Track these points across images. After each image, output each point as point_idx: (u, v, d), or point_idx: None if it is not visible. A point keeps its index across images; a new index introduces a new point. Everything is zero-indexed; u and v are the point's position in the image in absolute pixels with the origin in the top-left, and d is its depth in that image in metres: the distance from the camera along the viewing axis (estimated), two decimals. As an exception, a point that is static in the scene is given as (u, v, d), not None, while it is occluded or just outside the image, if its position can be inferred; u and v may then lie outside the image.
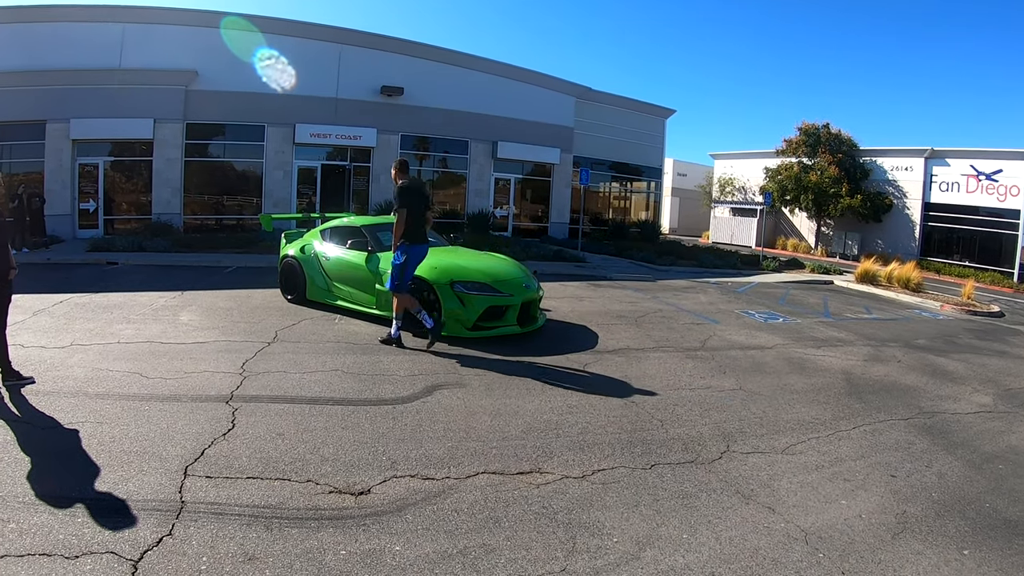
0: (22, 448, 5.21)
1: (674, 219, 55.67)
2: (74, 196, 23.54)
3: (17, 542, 3.85)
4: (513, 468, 5.27)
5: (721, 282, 19.54)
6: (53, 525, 4.06)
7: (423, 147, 28.97)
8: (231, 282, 14.46)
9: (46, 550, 3.78)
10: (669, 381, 8.15)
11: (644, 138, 36.06)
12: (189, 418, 5.96)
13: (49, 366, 7.38)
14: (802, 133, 41.88)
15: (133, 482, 4.66)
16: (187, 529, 4.08)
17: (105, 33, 23.30)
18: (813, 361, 9.82)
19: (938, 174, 37.17)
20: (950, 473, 5.82)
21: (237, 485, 4.69)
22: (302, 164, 26.29)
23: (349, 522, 4.28)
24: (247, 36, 24.58)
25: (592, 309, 12.91)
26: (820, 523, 4.66)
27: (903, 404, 7.90)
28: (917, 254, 35.84)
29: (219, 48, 24.17)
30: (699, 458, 5.72)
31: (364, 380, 7.42)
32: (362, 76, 26.58)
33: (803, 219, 43.95)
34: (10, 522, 4.06)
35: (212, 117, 24.89)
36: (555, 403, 6.98)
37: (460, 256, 10.68)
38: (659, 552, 4.16)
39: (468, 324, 9.48)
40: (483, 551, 4.04)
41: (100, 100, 22.94)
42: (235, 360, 7.93)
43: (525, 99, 30.36)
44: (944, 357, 10.94)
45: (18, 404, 6.22)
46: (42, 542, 3.87)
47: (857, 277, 22.51)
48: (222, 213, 26.15)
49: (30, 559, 3.70)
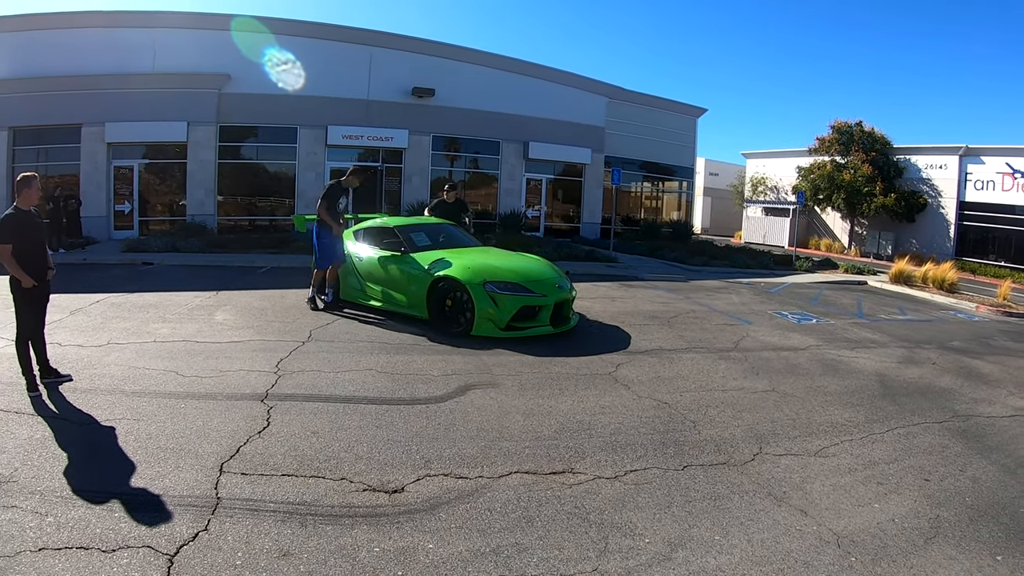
0: (59, 444, 5.31)
1: (706, 219, 55.26)
2: (109, 198, 23.91)
3: (55, 535, 3.93)
4: (546, 468, 5.27)
5: (754, 282, 19.39)
6: (90, 519, 4.13)
7: (454, 148, 28.95)
8: (265, 282, 14.59)
9: (83, 543, 3.86)
10: (702, 382, 8.10)
11: (676, 137, 35.80)
12: (224, 416, 6.03)
13: (86, 364, 7.51)
14: (835, 131, 41.39)
15: (169, 478, 4.73)
16: (222, 524, 4.13)
17: (139, 38, 23.65)
18: (847, 363, 9.72)
19: (973, 172, 36.49)
20: (984, 478, 5.72)
21: (272, 482, 4.73)
22: (334, 165, 26.37)
23: (383, 520, 4.31)
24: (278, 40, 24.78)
25: (624, 309, 12.87)
26: (852, 526, 4.61)
27: (937, 407, 7.78)
28: (952, 254, 35.20)
29: (250, 51, 24.39)
30: (731, 460, 5.69)
31: (398, 379, 7.45)
32: (393, 78, 26.65)
33: (836, 219, 43.47)
34: (48, 516, 4.14)
35: (245, 119, 25.12)
36: (588, 404, 6.97)
37: (493, 256, 10.70)
38: (691, 553, 4.14)
39: (501, 324, 9.49)
40: (516, 550, 4.05)
41: (135, 104, 23.25)
42: (270, 359, 8.01)
43: (556, 99, 30.26)
44: (979, 359, 10.76)
45: (56, 401, 6.34)
46: (79, 535, 3.94)
47: (891, 277, 22.22)
48: (255, 214, 26.37)
49: (67, 552, 3.77)
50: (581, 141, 30.93)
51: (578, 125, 30.81)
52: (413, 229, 11.39)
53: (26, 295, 6.57)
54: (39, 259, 6.74)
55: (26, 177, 6.68)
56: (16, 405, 6.17)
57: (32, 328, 6.71)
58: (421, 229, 11.60)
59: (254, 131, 25.76)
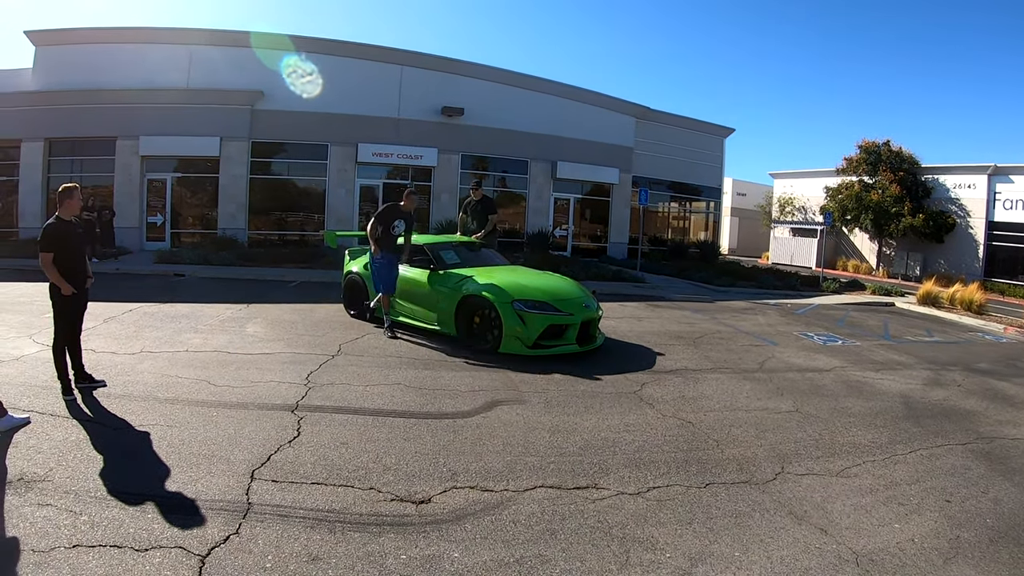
0: (94, 446, 5.48)
1: (733, 239, 55.02)
2: (142, 209, 24.40)
3: (89, 533, 4.06)
4: (570, 483, 5.33)
5: (780, 303, 19.31)
6: (124, 519, 4.27)
7: (482, 166, 29.18)
8: (295, 296, 14.79)
9: (117, 542, 3.99)
10: (726, 402, 8.12)
11: (703, 157, 35.83)
12: (256, 425, 6.16)
13: (120, 371, 7.69)
14: (862, 151, 41.14)
15: (201, 483, 4.85)
16: (253, 529, 4.24)
17: (174, 54, 24.20)
18: (871, 384, 9.69)
19: (1002, 191, 36.04)
20: (1006, 499, 5.70)
21: (302, 490, 4.84)
22: (364, 182, 26.73)
23: (410, 528, 4.40)
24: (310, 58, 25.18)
25: (650, 329, 12.90)
26: (872, 546, 4.62)
27: (961, 429, 7.73)
28: (980, 274, 34.74)
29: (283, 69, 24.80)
30: (753, 478, 5.71)
31: (426, 394, 7.55)
32: (423, 96, 26.96)
33: (864, 239, 43.13)
34: (82, 515, 4.28)
35: (277, 136, 25.53)
36: (612, 421, 7.02)
37: (521, 275, 10.78)
38: (711, 568, 4.18)
39: (528, 342, 9.55)
40: (539, 561, 4.11)
41: (169, 118, 23.76)
42: (300, 371, 8.15)
43: (584, 119, 30.40)
44: (1006, 381, 10.67)
45: (90, 405, 6.52)
46: (113, 535, 4.08)
47: (919, 299, 22.01)
48: (285, 229, 26.69)
49: (101, 550, 3.90)
50: (609, 161, 31.05)
51: (606, 145, 30.95)
52: (443, 247, 11.52)
53: (65, 302, 6.75)
54: (79, 268, 6.94)
55: (67, 188, 6.87)
56: (52, 408, 6.35)
57: (69, 334, 6.89)
58: (451, 247, 11.72)
59: (285, 147, 26.14)
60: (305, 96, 25.15)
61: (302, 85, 25.05)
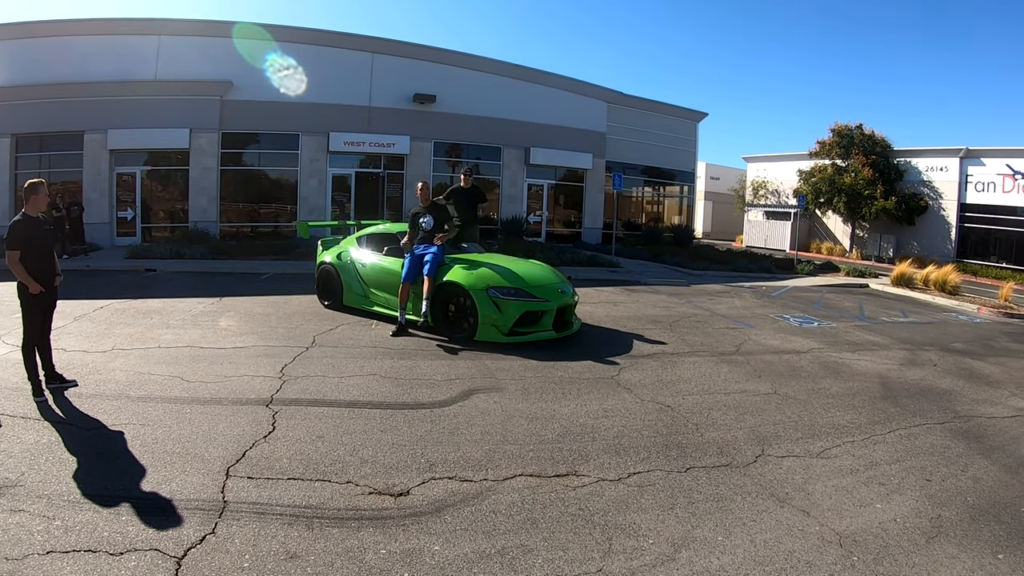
0: (67, 448, 5.35)
1: (707, 223, 55.27)
2: (112, 204, 24.04)
3: (63, 539, 3.96)
4: (550, 471, 5.30)
5: (755, 286, 19.41)
6: (98, 523, 4.16)
7: (456, 154, 29.05)
8: (268, 288, 14.65)
9: (91, 547, 3.89)
10: (704, 385, 8.13)
11: (676, 142, 35.89)
12: (230, 421, 6.07)
13: (91, 370, 7.55)
14: (835, 134, 41.54)
15: (176, 482, 4.76)
16: (230, 528, 4.16)
17: (141, 45, 23.82)
18: (848, 365, 9.74)
19: (973, 174, 36.58)
20: (985, 477, 5.74)
21: (278, 486, 4.77)
22: (336, 172, 26.52)
23: (389, 522, 4.34)
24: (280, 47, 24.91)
25: (627, 314, 12.90)
26: (854, 526, 4.64)
27: (939, 408, 7.79)
28: (953, 256, 35.26)
29: (253, 58, 24.50)
30: (734, 462, 5.71)
31: (402, 384, 7.49)
32: (394, 84, 26.78)
33: (837, 222, 43.51)
34: (56, 519, 4.18)
35: (247, 126, 25.25)
36: (591, 407, 7.00)
37: (495, 262, 10.70)
38: (694, 554, 4.17)
39: (504, 329, 9.51)
40: (521, 551, 4.08)
41: (137, 110, 23.42)
42: (274, 364, 8.05)
43: (557, 105, 30.39)
44: (981, 361, 10.78)
45: (62, 406, 6.38)
46: (87, 539, 3.97)
47: (893, 280, 22.21)
48: (257, 220, 26.44)
49: (75, 555, 3.80)
50: (582, 146, 31.03)
51: (579, 130, 30.93)
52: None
53: (33, 301, 6.61)
54: (47, 266, 6.79)
55: (34, 184, 6.73)
56: (22, 410, 6.20)
57: (38, 334, 6.75)
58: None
59: (256, 138, 25.85)
60: (275, 85, 24.91)
61: (272, 74, 24.79)
